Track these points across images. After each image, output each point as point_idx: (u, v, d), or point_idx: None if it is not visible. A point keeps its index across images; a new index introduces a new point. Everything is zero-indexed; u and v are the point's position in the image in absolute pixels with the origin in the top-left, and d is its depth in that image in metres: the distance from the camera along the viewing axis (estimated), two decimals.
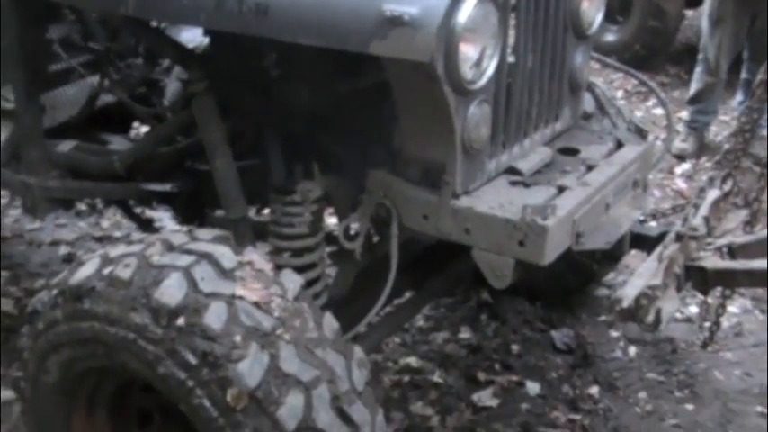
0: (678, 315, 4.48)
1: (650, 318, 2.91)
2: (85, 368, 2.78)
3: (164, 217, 4.53)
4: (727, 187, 3.56)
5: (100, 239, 5.23)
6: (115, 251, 2.74)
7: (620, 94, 7.65)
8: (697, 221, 3.30)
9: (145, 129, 4.32)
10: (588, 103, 3.63)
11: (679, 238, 3.17)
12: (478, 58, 2.67)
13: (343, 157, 3.13)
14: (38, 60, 3.58)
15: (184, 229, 2.88)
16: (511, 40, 2.95)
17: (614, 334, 4.44)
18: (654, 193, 5.96)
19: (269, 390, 2.44)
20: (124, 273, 2.60)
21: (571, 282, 4.39)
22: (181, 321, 2.48)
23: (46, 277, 4.51)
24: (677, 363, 4.26)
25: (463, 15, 2.54)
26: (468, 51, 2.61)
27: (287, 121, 3.17)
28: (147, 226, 4.10)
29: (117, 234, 5.23)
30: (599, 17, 3.31)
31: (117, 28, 3.70)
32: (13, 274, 4.84)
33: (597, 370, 4.19)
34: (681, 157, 6.70)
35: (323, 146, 3.15)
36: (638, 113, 7.17)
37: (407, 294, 3.68)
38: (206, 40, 3.42)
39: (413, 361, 4.20)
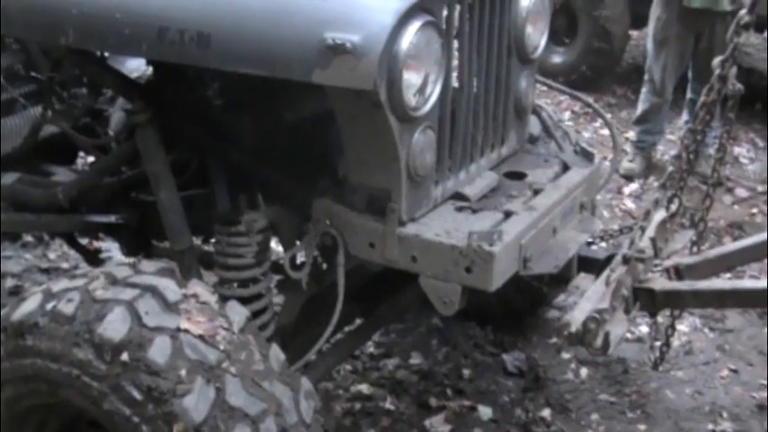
0: (629, 336, 4.49)
1: (598, 342, 2.91)
2: (30, 405, 2.74)
3: (112, 247, 4.48)
4: (673, 207, 3.58)
5: (47, 271, 5.15)
6: (58, 286, 2.70)
7: (567, 115, 7.71)
8: (644, 243, 3.31)
9: (91, 159, 4.26)
10: (534, 126, 3.63)
11: (626, 260, 3.17)
12: (422, 85, 2.67)
13: (288, 186, 3.11)
14: None
15: (128, 261, 2.84)
16: (455, 66, 2.95)
17: (566, 356, 4.44)
18: (603, 213, 5.98)
19: (215, 424, 2.41)
20: (67, 308, 2.56)
21: (521, 305, 4.39)
22: (125, 357, 2.45)
23: None
24: (629, 383, 4.27)
25: (406, 42, 2.54)
26: (411, 78, 2.62)
27: (231, 150, 3.15)
28: (93, 257, 4.05)
29: (64, 265, 5.16)
30: (543, 41, 3.33)
31: (60, 57, 3.66)
32: None
33: (549, 393, 4.19)
34: (629, 177, 6.74)
35: (267, 175, 3.13)
36: (587, 134, 7.25)
37: (358, 321, 3.66)
38: (150, 70, 3.40)
39: (364, 388, 4.17)
